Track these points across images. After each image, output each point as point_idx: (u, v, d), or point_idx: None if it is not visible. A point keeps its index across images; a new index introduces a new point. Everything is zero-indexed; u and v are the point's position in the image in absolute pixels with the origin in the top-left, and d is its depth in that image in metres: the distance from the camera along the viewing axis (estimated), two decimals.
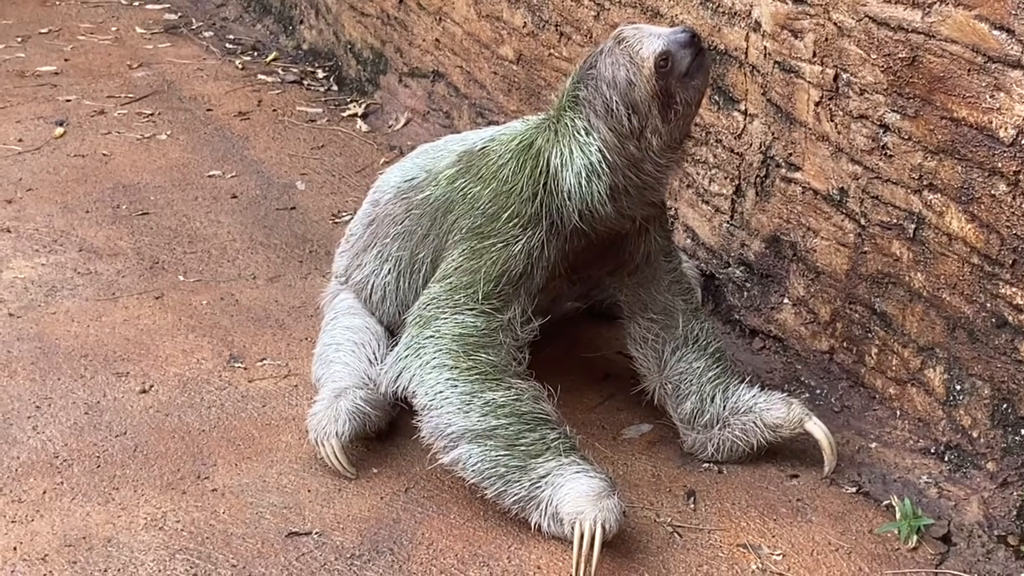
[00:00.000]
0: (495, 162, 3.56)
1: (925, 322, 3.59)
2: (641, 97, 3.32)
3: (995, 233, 3.30)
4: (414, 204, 3.75)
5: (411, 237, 3.74)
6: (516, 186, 3.47)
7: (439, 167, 3.74)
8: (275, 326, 4.36)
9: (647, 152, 3.38)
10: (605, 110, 3.34)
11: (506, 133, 3.67)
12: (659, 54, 3.29)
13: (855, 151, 3.71)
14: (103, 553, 3.18)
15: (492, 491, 3.29)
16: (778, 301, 4.14)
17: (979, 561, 3.30)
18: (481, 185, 3.55)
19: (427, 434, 3.37)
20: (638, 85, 3.31)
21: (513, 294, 3.46)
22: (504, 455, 3.26)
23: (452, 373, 3.36)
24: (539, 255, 3.47)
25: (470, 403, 3.31)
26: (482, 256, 3.47)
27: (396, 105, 6.34)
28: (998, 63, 3.19)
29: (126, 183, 5.53)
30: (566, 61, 4.96)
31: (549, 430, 3.29)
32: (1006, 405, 3.37)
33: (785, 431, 3.60)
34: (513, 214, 3.46)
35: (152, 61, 7.29)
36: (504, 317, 3.45)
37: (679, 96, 3.33)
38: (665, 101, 3.32)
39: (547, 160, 3.44)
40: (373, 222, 3.93)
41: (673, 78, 3.31)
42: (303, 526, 3.33)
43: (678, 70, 3.31)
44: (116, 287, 4.58)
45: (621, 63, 3.31)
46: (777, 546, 3.34)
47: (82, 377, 3.97)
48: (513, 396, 3.32)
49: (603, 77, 3.34)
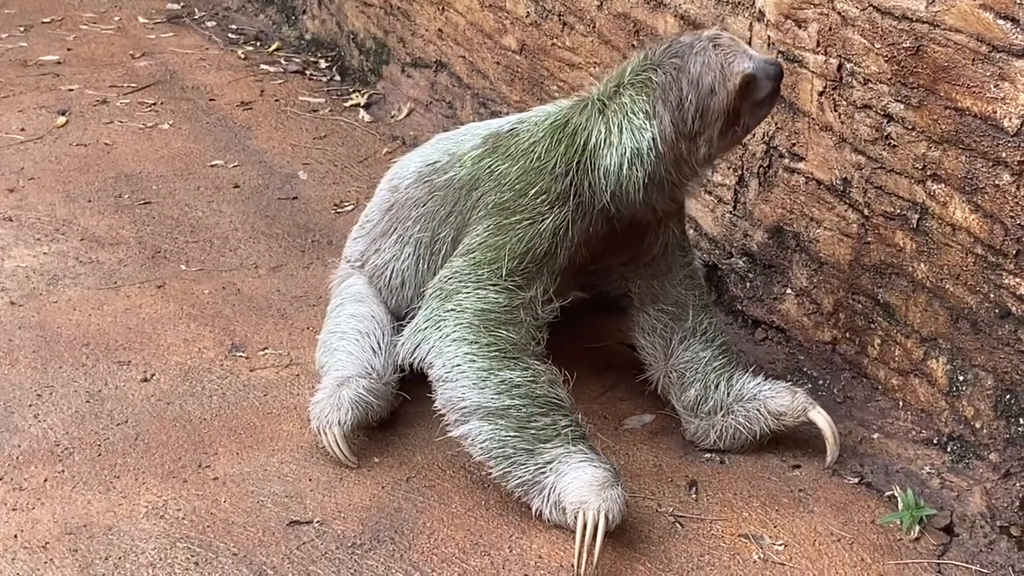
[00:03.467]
0: (526, 140, 3.55)
1: (928, 313, 3.58)
2: (716, 107, 3.35)
3: (999, 223, 3.29)
4: (437, 186, 3.74)
5: (433, 218, 3.73)
6: (548, 163, 3.46)
7: (463, 149, 3.73)
8: (277, 315, 4.35)
9: (692, 157, 3.41)
10: (677, 104, 3.35)
11: (537, 115, 3.67)
12: (748, 75, 3.34)
13: (858, 141, 3.70)
14: (104, 541, 3.18)
15: (497, 471, 3.29)
16: (781, 291, 4.13)
17: (981, 552, 3.29)
18: (510, 162, 3.54)
19: (440, 405, 3.37)
20: (718, 95, 3.34)
21: (536, 272, 3.46)
22: (514, 436, 3.26)
23: (471, 348, 3.35)
24: (564, 234, 3.46)
25: (486, 379, 3.30)
26: (508, 232, 3.46)
27: (399, 95, 6.33)
28: (1003, 52, 3.18)
29: (128, 172, 5.53)
30: (569, 51, 4.95)
31: (561, 416, 3.29)
32: (1009, 396, 3.36)
33: (788, 419, 3.59)
34: (541, 190, 3.45)
35: (155, 51, 7.28)
36: (526, 295, 3.44)
37: (744, 119, 3.41)
38: (731, 119, 3.38)
39: (586, 138, 3.44)
40: (392, 207, 3.91)
41: (748, 102, 3.37)
42: (304, 515, 3.32)
43: (755, 97, 3.38)
44: (118, 276, 4.57)
45: (711, 68, 3.34)
46: (779, 536, 3.33)
47: (83, 366, 3.97)
48: (530, 377, 3.31)
49: (688, 72, 3.35)
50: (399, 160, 4.16)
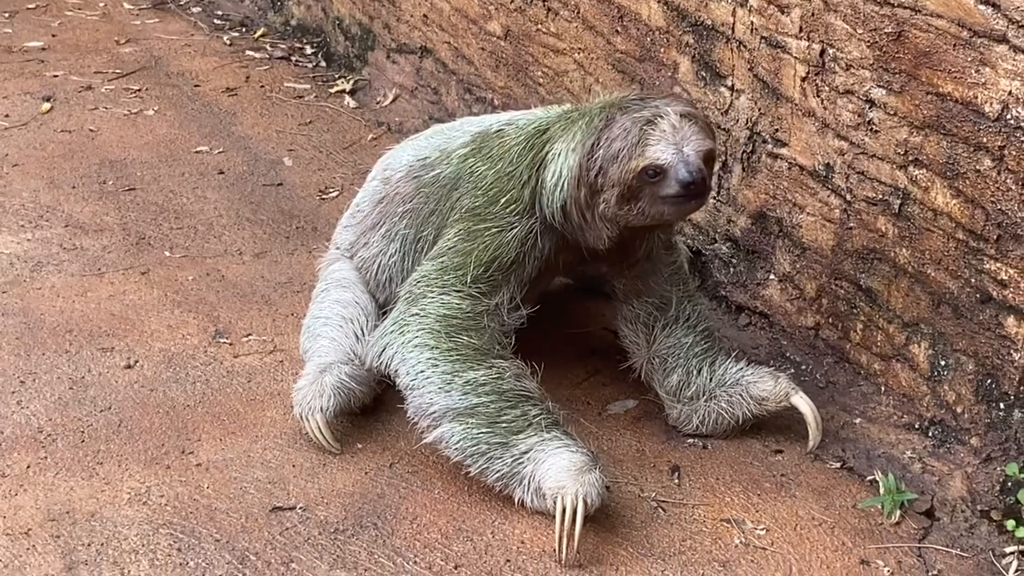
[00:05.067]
0: (507, 143, 3.56)
1: (910, 298, 3.59)
2: (613, 173, 3.29)
3: (980, 208, 3.30)
4: (424, 183, 3.74)
5: (419, 215, 3.74)
6: (517, 169, 3.47)
7: (452, 147, 3.74)
8: (261, 302, 4.35)
9: (594, 208, 3.36)
10: (588, 153, 3.32)
11: (526, 117, 3.67)
12: (651, 166, 3.25)
13: (841, 127, 3.71)
14: (86, 527, 3.18)
15: (475, 468, 3.29)
16: (764, 277, 4.13)
17: (962, 536, 3.31)
18: (488, 164, 3.55)
19: (411, 414, 3.38)
20: (618, 165, 3.28)
21: (503, 280, 3.46)
22: (486, 432, 3.26)
23: (433, 353, 3.36)
24: (532, 245, 3.47)
25: (451, 382, 3.31)
26: (476, 239, 3.47)
27: (384, 81, 6.32)
28: (983, 38, 3.19)
29: (113, 159, 5.51)
30: (554, 36, 4.95)
31: (531, 406, 3.30)
32: (990, 380, 3.38)
33: (771, 404, 3.60)
34: (512, 199, 3.46)
35: (140, 37, 7.25)
36: (491, 302, 3.44)
37: (642, 203, 3.31)
38: (627, 195, 3.30)
39: (549, 148, 3.44)
40: (383, 200, 3.91)
41: (649, 187, 3.28)
42: (287, 501, 3.33)
43: (657, 188, 3.28)
44: (102, 263, 4.57)
45: (628, 139, 3.27)
46: (760, 521, 3.34)
47: (67, 352, 3.96)
48: (495, 375, 3.32)
49: (610, 131, 3.31)
50: (393, 148, 4.15)
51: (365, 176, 4.21)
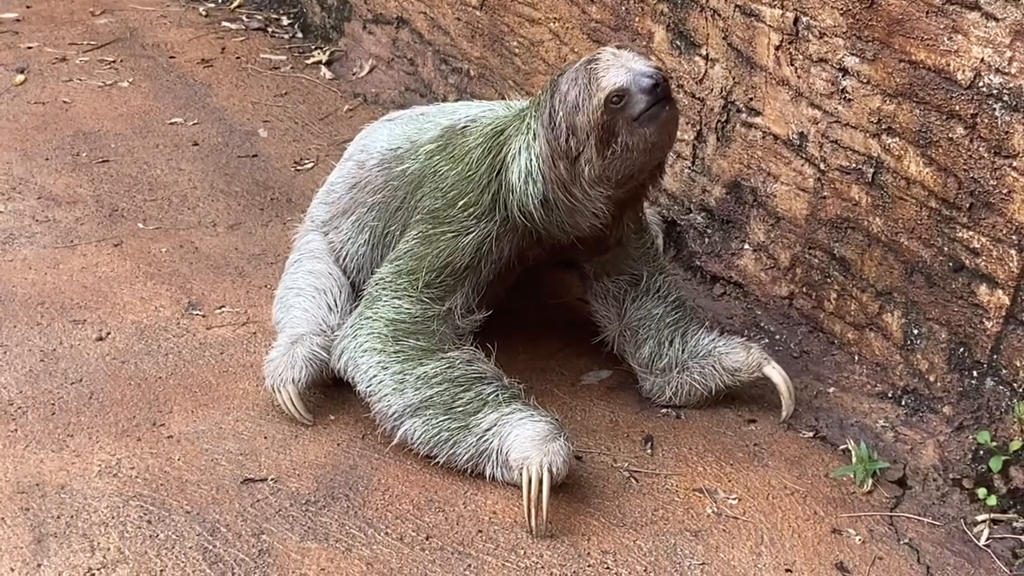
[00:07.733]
0: (469, 143, 3.53)
1: (883, 267, 3.59)
2: (583, 123, 3.24)
3: (952, 176, 3.29)
4: (393, 175, 3.72)
5: (387, 209, 3.73)
6: (477, 172, 3.45)
7: (422, 140, 3.72)
8: (234, 274, 4.33)
9: (578, 178, 3.31)
10: (549, 123, 3.30)
11: (488, 115, 3.64)
12: (614, 90, 3.19)
13: (815, 95, 3.69)
14: (56, 500, 3.17)
15: (443, 457, 3.31)
16: (738, 247, 4.12)
17: (934, 504, 3.32)
18: (451, 165, 3.53)
19: (376, 419, 3.40)
20: (582, 111, 3.23)
21: (455, 285, 3.47)
22: (444, 420, 3.28)
23: (381, 356, 3.38)
24: (489, 250, 3.46)
25: (403, 381, 3.33)
26: (431, 243, 3.47)
27: (360, 52, 6.28)
28: (956, 5, 3.17)
29: (87, 130, 5.47)
30: (529, 6, 4.92)
31: (484, 385, 3.30)
32: (963, 349, 3.38)
33: (743, 375, 3.60)
34: (470, 202, 3.44)
35: (115, 8, 7.19)
36: (442, 307, 3.45)
37: (622, 137, 3.23)
38: (604, 137, 3.23)
39: (507, 149, 3.41)
40: (355, 187, 3.88)
41: (621, 117, 3.21)
42: (259, 472, 3.32)
43: (629, 112, 3.21)
44: (75, 234, 4.53)
45: (578, 84, 3.24)
46: (733, 490, 3.34)
47: (38, 324, 3.94)
48: (445, 365, 3.33)
49: (559, 90, 3.28)
50: (373, 123, 4.13)
51: (341, 148, 4.20)
